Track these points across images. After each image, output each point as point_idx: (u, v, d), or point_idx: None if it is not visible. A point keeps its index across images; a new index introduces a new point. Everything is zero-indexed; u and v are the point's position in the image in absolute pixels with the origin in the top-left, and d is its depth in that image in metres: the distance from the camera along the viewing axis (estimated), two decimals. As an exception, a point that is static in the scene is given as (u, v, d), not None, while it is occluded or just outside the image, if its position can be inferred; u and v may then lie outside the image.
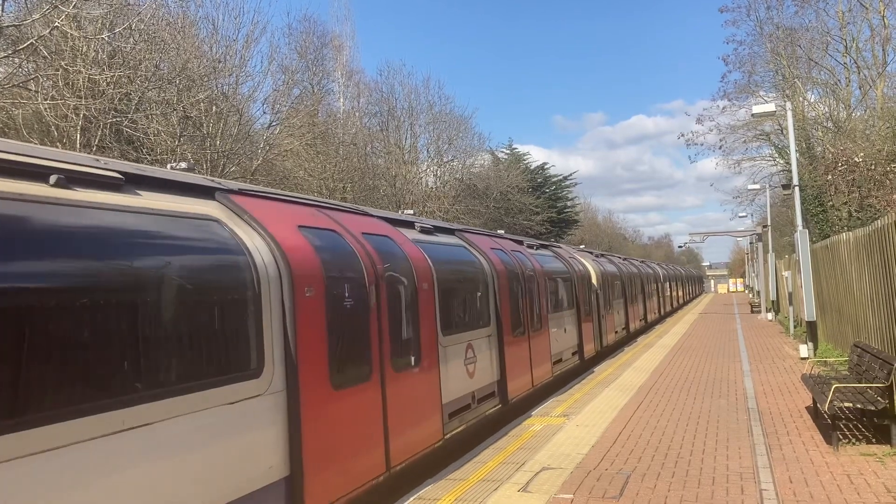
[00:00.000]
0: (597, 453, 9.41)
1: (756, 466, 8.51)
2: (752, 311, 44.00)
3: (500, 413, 12.10)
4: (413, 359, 8.91)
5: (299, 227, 7.39)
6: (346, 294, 7.63)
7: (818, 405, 10.37)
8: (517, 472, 8.62)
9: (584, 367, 18.72)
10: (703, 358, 19.99)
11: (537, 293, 14.91)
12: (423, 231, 11.38)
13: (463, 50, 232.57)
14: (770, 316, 36.83)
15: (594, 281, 21.70)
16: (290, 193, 8.88)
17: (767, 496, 7.34)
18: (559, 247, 21.64)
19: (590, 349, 19.90)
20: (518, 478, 8.34)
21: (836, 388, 9.66)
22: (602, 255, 28.62)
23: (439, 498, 7.69)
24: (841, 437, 9.38)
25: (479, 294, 12.01)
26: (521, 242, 16.85)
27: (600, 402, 13.32)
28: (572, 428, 11.07)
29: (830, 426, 9.39)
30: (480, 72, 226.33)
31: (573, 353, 18.09)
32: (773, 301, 38.39)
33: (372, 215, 9.83)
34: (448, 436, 9.81)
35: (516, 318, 13.30)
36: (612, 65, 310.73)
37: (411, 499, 7.70)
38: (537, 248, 17.82)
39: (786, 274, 31.64)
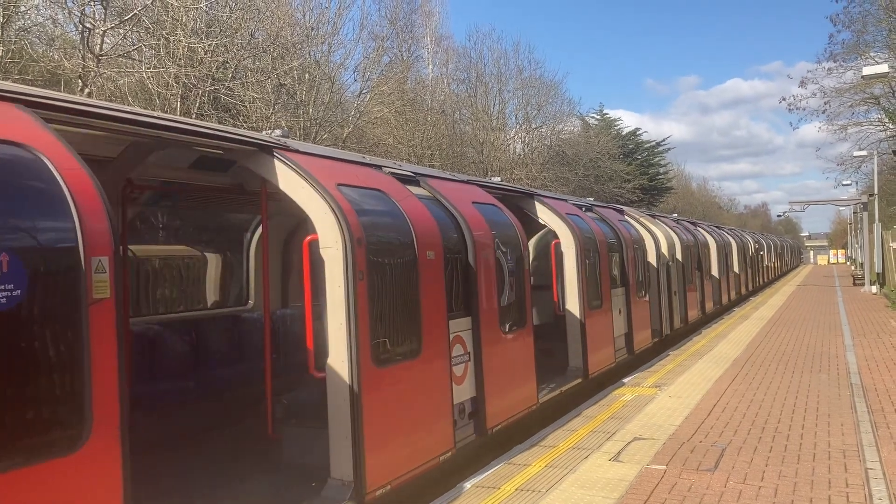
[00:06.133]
0: (690, 425, 9.22)
1: (860, 444, 8.16)
2: (855, 284, 41.99)
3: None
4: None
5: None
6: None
7: (930, 383, 9.86)
8: (608, 441, 8.54)
9: (634, 362, 14.72)
10: (801, 331, 19.25)
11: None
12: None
13: (553, 12, 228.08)
14: (874, 289, 35.09)
15: (663, 250, 18.10)
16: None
17: (874, 475, 7.03)
18: (608, 207, 17.39)
19: (643, 339, 15.79)
20: (609, 447, 8.27)
21: (951, 365, 9.13)
22: (661, 218, 22.22)
23: (530, 463, 7.71)
24: (955, 416, 8.89)
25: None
26: (529, 196, 12.49)
27: (693, 373, 13.04)
28: (664, 399, 10.89)
29: (943, 405, 8.91)
30: (571, 35, 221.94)
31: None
32: (878, 273, 36.56)
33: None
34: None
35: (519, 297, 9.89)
36: (706, 25, 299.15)
37: (502, 463, 7.75)
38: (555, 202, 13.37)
39: (894, 245, 30.06)
